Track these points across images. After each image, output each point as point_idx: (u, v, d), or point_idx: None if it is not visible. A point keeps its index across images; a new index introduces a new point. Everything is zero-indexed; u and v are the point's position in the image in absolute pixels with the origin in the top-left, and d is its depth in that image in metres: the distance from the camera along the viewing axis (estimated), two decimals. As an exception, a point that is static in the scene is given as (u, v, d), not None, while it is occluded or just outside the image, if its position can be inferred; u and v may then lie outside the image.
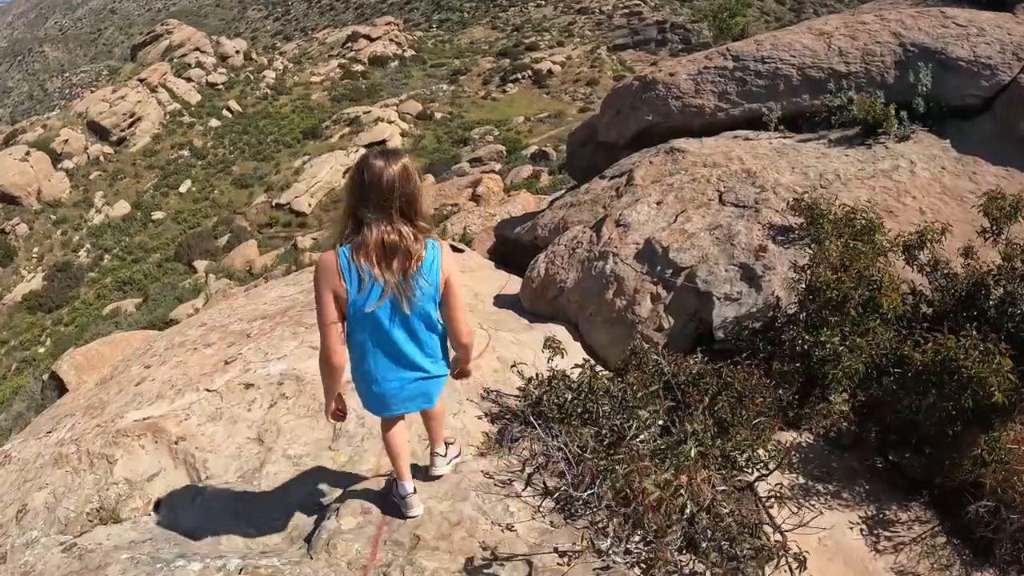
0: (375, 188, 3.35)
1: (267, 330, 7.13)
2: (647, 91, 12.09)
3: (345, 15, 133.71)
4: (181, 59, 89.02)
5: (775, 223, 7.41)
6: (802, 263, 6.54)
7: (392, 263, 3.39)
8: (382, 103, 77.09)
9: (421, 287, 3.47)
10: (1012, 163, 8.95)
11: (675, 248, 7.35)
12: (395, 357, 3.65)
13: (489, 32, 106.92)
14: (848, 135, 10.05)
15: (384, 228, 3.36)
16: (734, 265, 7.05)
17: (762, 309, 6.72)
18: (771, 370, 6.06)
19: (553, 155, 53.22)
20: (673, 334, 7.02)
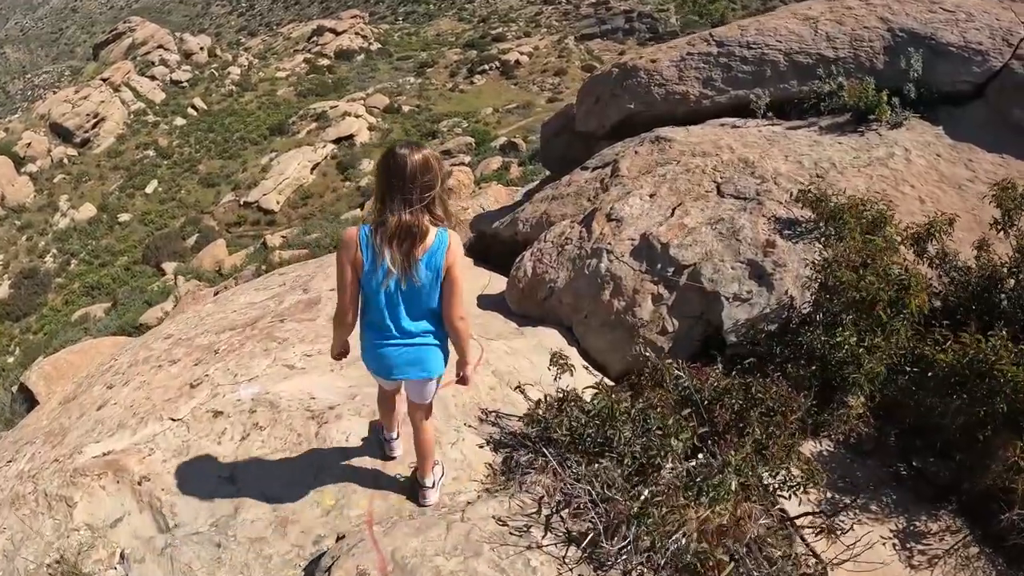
0: (397, 174, 3.64)
1: (236, 345, 6.55)
2: (628, 78, 11.63)
3: (310, 9, 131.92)
4: (144, 57, 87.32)
5: (780, 216, 6.93)
6: (816, 259, 6.11)
7: (402, 245, 3.67)
8: (349, 97, 76.01)
9: (424, 271, 3.74)
10: (1007, 150, 8.77)
11: (676, 244, 6.84)
12: (397, 327, 3.91)
13: (455, 24, 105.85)
14: (839, 122, 9.73)
15: (401, 213, 3.64)
16: (741, 262, 6.56)
17: (776, 310, 6.25)
18: (786, 374, 5.65)
19: (523, 146, 52.85)
20: (679, 337, 6.53)
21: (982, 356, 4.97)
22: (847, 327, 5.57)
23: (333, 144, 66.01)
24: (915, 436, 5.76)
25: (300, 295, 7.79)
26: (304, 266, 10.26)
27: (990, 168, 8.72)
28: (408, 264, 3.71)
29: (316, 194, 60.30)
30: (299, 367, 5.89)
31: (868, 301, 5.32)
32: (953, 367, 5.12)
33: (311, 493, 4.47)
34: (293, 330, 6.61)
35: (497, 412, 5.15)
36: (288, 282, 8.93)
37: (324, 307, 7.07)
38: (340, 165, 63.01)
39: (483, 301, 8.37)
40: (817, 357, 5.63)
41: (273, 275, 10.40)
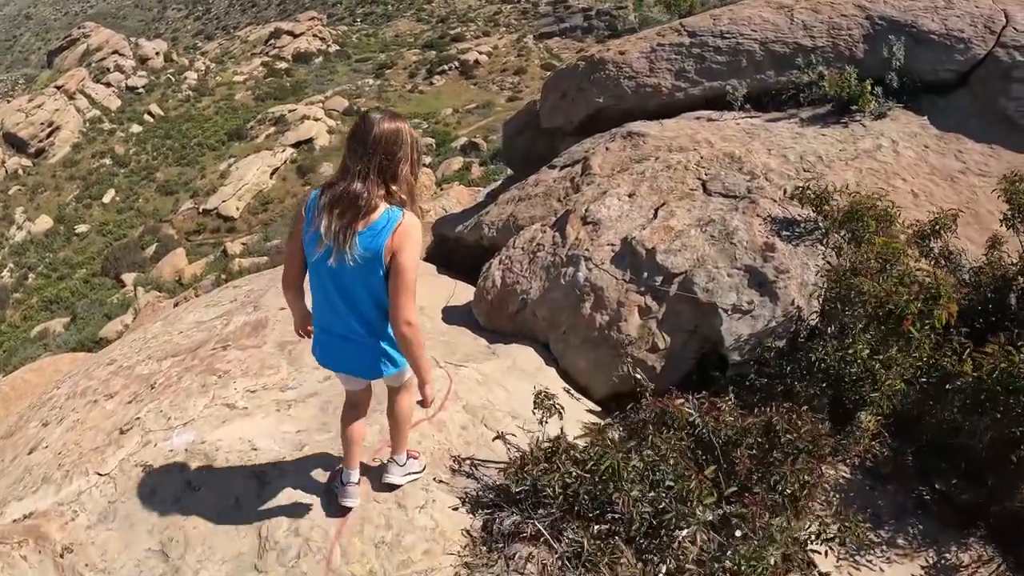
0: (360, 139, 3.29)
1: (174, 379, 5.74)
2: (596, 71, 10.99)
3: (267, 12, 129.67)
4: (100, 63, 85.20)
5: (776, 215, 6.24)
6: (821, 264, 5.46)
7: (343, 214, 3.26)
8: (307, 100, 74.76)
9: (360, 249, 3.27)
10: (995, 140, 8.44)
11: (663, 250, 6.10)
12: (332, 307, 3.50)
13: (414, 25, 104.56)
14: (820, 113, 9.24)
15: (354, 179, 3.27)
16: (738, 268, 5.85)
17: (783, 323, 5.56)
18: (794, 394, 5.07)
19: (483, 146, 52.28)
20: (671, 355, 5.80)
21: (1014, 370, 4.40)
22: (858, 339, 4.98)
23: (292, 148, 64.77)
24: (934, 455, 5.25)
25: (248, 314, 6.98)
26: (259, 278, 9.43)
27: (980, 159, 8.33)
28: (343, 236, 3.25)
29: (276, 199, 59.02)
30: (240, 407, 5.10)
31: (896, 315, 4.63)
32: (980, 381, 4.56)
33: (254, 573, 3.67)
34: (236, 360, 5.80)
35: (472, 460, 4.33)
36: (240, 297, 8.15)
37: (271, 331, 6.28)
38: (300, 169, 61.79)
39: (449, 314, 7.58)
40: (828, 374, 5.03)
41: (227, 288, 9.57)
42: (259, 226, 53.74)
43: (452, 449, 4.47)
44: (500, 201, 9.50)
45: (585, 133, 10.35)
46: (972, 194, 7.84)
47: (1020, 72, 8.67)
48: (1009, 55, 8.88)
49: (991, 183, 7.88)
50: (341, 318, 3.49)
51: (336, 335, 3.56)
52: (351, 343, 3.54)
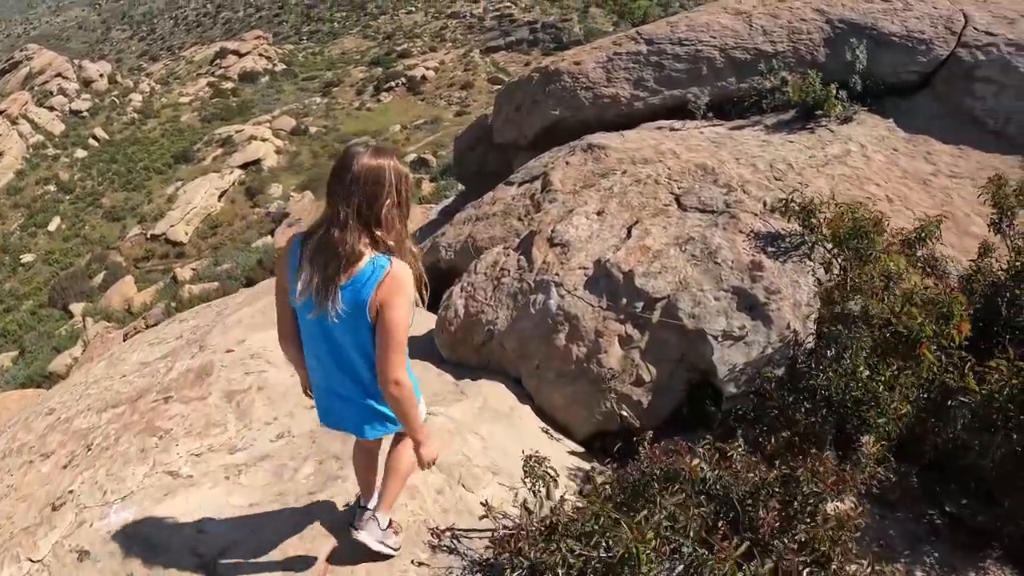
0: (340, 178, 2.91)
1: (112, 439, 5.10)
2: (550, 83, 10.56)
3: (213, 31, 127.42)
4: (43, 87, 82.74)
5: (759, 231, 5.77)
6: (814, 282, 4.98)
7: (324, 264, 2.91)
8: (254, 120, 73.48)
9: (342, 304, 2.91)
10: (963, 140, 8.28)
11: (641, 272, 5.58)
12: (321, 363, 3.19)
13: (360, 41, 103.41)
14: (785, 119, 8.93)
15: (333, 226, 2.91)
16: (725, 291, 5.36)
17: (780, 349, 5.08)
18: (793, 423, 4.65)
19: (433, 161, 51.77)
20: (658, 388, 5.27)
21: None
22: (856, 359, 4.58)
23: (240, 169, 63.46)
24: (940, 476, 4.93)
25: (193, 357, 6.34)
26: (206, 310, 8.79)
27: (950, 160, 8.11)
28: (325, 291, 2.90)
29: (225, 222, 57.69)
30: (185, 474, 4.48)
31: (912, 339, 4.17)
32: (990, 398, 4.26)
33: None
34: (179, 416, 5.16)
35: (453, 530, 3.74)
36: (186, 333, 7.53)
37: (216, 379, 5.63)
38: (248, 191, 60.57)
39: (410, 346, 6.97)
40: (831, 401, 4.62)
41: (173, 323, 8.93)
42: (209, 250, 52.37)
43: (429, 519, 3.89)
44: (456, 221, 8.95)
45: (541, 147, 9.89)
46: (946, 196, 7.59)
47: (983, 72, 8.54)
48: (972, 55, 8.73)
49: (964, 184, 7.75)
50: (332, 374, 3.19)
51: (331, 392, 3.26)
52: (345, 400, 3.24)
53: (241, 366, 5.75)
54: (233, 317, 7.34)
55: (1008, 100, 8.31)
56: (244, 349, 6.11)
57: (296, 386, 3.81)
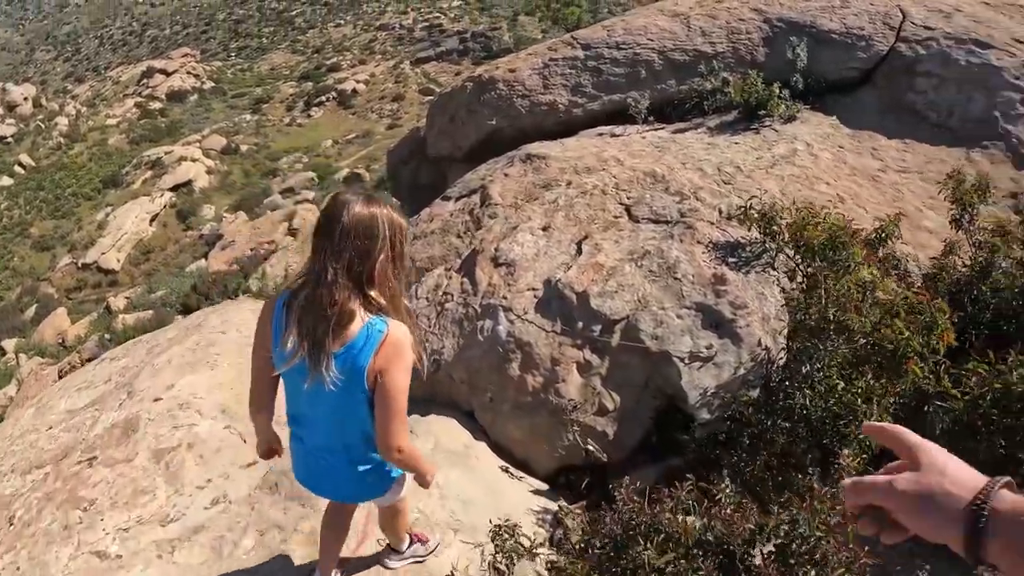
0: (327, 231, 2.55)
1: (34, 511, 4.47)
2: (485, 92, 10.17)
3: (139, 50, 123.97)
4: (-37, 113, 79.68)
5: (718, 240, 5.40)
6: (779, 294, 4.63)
7: (313, 327, 2.54)
8: (184, 141, 71.49)
9: (336, 372, 2.55)
10: (907, 134, 8.20)
11: (596, 292, 5.15)
12: (310, 426, 2.86)
13: (289, 56, 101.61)
14: (728, 120, 8.76)
15: (320, 283, 2.54)
16: (688, 308, 4.95)
17: (753, 369, 4.69)
18: (770, 444, 4.34)
19: (366, 176, 50.90)
20: (624, 416, 4.84)
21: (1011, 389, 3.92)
22: (830, 372, 4.30)
23: (171, 192, 61.60)
24: None
25: (120, 405, 5.76)
26: (136, 348, 8.12)
27: (897, 155, 8.00)
28: (317, 358, 2.55)
29: (158, 247, 55.89)
30: (113, 554, 3.91)
31: (898, 355, 3.83)
32: (974, 404, 4.06)
33: None
34: (104, 483, 4.56)
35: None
36: (115, 376, 6.87)
37: (143, 435, 5.03)
38: (180, 214, 58.76)
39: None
40: (809, 419, 4.31)
41: (103, 362, 8.25)
42: (142, 277, 50.55)
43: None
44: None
45: (477, 159, 9.51)
46: (897, 192, 7.45)
47: (924, 66, 8.49)
48: (912, 49, 8.69)
49: (912, 179, 7.68)
50: (321, 438, 2.87)
51: (318, 455, 2.92)
52: (331, 465, 2.92)
53: (169, 419, 5.17)
54: (163, 357, 6.73)
55: (949, 93, 8.26)
56: (172, 397, 5.54)
57: (230, 443, 3.30)
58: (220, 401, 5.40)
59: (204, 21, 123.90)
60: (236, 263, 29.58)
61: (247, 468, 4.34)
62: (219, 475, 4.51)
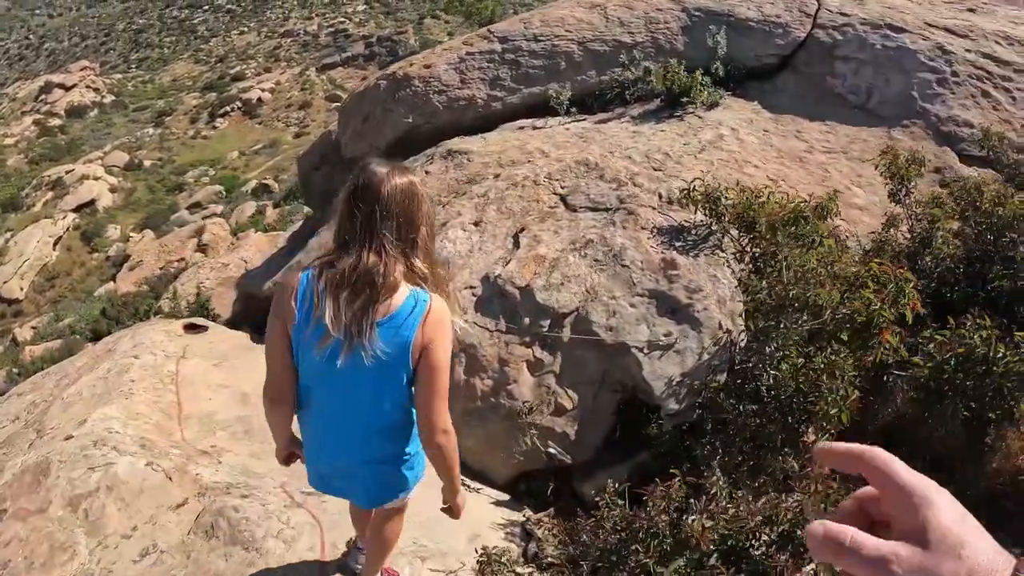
0: (368, 198, 2.36)
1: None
2: (401, 89, 9.81)
3: (36, 64, 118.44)
4: None
5: (661, 225, 5.16)
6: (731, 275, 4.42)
7: (355, 299, 2.33)
8: (85, 159, 68.84)
9: (380, 343, 2.34)
10: (828, 116, 8.31)
11: (541, 286, 4.84)
12: (339, 421, 2.54)
13: (192, 67, 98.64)
14: (650, 109, 8.64)
15: (365, 251, 2.35)
16: (641, 295, 4.70)
17: (717, 353, 4.46)
18: (743, 428, 4.21)
19: (275, 186, 49.94)
20: (584, 416, 4.55)
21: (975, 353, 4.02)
22: (789, 350, 4.20)
23: (74, 213, 59.10)
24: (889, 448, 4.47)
25: (30, 446, 5.21)
26: (45, 380, 7.47)
27: (820, 137, 8.09)
28: (358, 327, 2.35)
29: (63, 272, 53.45)
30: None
31: (872, 326, 3.70)
32: (939, 370, 4.14)
33: None
34: (17, 540, 3.97)
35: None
36: (23, 413, 6.24)
37: (56, 480, 4.46)
38: (85, 235, 56.34)
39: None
40: (776, 397, 4.19)
41: (11, 398, 7.52)
42: (48, 305, 48.17)
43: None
44: (310, 248, 8.04)
45: (395, 159, 9.06)
46: (824, 172, 7.49)
47: (842, 51, 8.67)
48: (829, 35, 8.86)
49: (838, 159, 7.69)
50: (353, 433, 2.58)
51: (347, 455, 2.64)
52: (361, 468, 2.67)
53: (84, 460, 4.62)
54: (73, 388, 6.17)
55: (867, 76, 8.43)
56: (86, 434, 4.99)
57: (154, 481, 2.86)
58: (139, 434, 4.93)
59: (103, 32, 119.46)
60: (146, 283, 28.38)
61: (176, 510, 3.88)
62: (146, 520, 4.00)
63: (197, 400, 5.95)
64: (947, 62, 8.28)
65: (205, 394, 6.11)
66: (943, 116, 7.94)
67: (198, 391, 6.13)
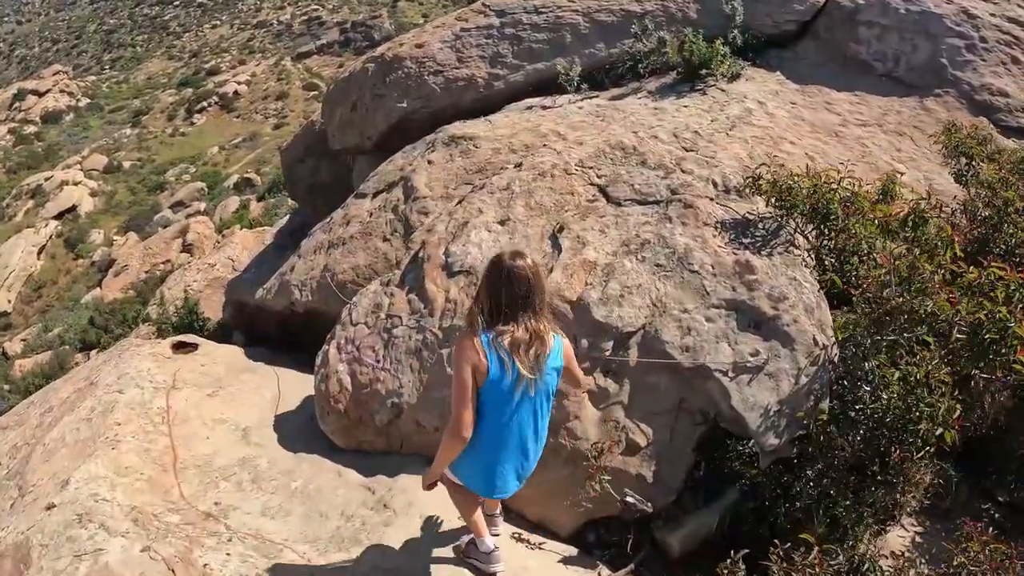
0: (518, 284, 3.21)
1: None
2: (392, 72, 9.04)
3: (8, 72, 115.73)
4: None
5: (724, 219, 4.35)
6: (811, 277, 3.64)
7: (530, 350, 3.20)
8: (64, 164, 67.32)
9: (549, 372, 3.29)
10: (856, 86, 7.72)
11: (597, 299, 4.02)
12: (520, 439, 3.35)
13: (166, 63, 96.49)
14: (667, 83, 7.91)
15: (529, 319, 3.20)
16: (717, 307, 3.91)
17: (816, 374, 3.63)
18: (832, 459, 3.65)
19: (257, 180, 48.80)
20: (660, 453, 3.78)
21: None
22: (880, 360, 3.59)
23: (56, 220, 57.57)
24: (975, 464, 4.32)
25: (11, 509, 4.47)
26: (28, 412, 6.63)
27: (852, 108, 7.45)
28: (538, 368, 3.21)
29: (49, 281, 51.99)
30: None
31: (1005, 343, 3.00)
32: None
33: None
34: None
35: None
36: (5, 457, 5.58)
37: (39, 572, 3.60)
38: (68, 242, 54.88)
39: (287, 431, 5.16)
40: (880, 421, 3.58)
41: None
42: (36, 316, 46.81)
43: None
44: (304, 251, 7.18)
45: (390, 148, 8.34)
46: (863, 147, 6.85)
47: (864, 16, 8.10)
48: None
49: (875, 133, 7.11)
50: (528, 442, 3.37)
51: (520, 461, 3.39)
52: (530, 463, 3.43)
53: (68, 543, 3.79)
54: (55, 432, 5.37)
55: (893, 42, 7.90)
56: (70, 502, 4.20)
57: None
58: (130, 500, 4.20)
59: (74, 35, 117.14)
60: (132, 289, 27.37)
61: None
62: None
63: (193, 441, 5.19)
64: (974, 27, 7.78)
65: (201, 432, 5.33)
66: (976, 84, 7.43)
67: (193, 429, 5.36)
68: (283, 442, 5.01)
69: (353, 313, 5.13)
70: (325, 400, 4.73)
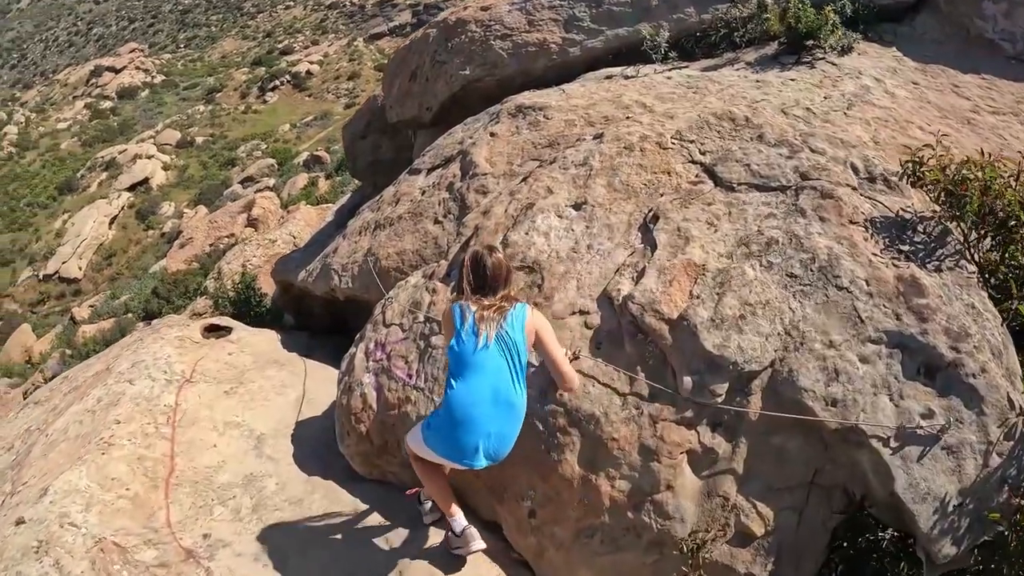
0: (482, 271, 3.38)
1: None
2: (454, 36, 8.08)
3: (86, 50, 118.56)
4: (-87, 127, 75.20)
5: (874, 216, 3.17)
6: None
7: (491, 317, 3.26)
8: (138, 138, 68.63)
9: (508, 337, 3.18)
10: (982, 68, 6.84)
11: (707, 319, 2.92)
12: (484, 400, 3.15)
13: (240, 43, 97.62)
14: (768, 54, 6.97)
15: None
16: (877, 343, 2.77)
17: (1014, 453, 2.49)
18: None
19: (327, 158, 48.88)
20: (782, 545, 2.68)
21: None
22: None
23: (128, 192, 58.70)
24: None
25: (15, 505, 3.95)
26: (60, 386, 6.15)
27: (981, 93, 6.54)
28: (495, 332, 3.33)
29: (120, 250, 52.99)
30: None
31: None
32: None
33: None
34: None
35: None
36: (18, 441, 5.16)
37: None
38: (139, 214, 55.93)
39: (303, 447, 4.26)
40: None
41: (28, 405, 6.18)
42: (105, 283, 47.63)
43: None
44: (350, 232, 6.27)
45: (450, 121, 7.48)
46: (1000, 138, 5.94)
47: None
48: None
49: (1010, 122, 6.28)
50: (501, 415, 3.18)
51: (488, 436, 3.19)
52: None
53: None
54: (60, 422, 4.83)
55: (1021, 19, 7.04)
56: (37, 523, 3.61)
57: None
58: (100, 531, 3.59)
59: (150, 14, 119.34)
60: (195, 261, 27.21)
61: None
62: None
63: (197, 449, 4.50)
64: (1113, 5, 6.82)
65: (209, 438, 4.58)
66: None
67: (200, 434, 4.62)
68: (299, 457, 4.20)
69: (387, 311, 4.17)
70: (346, 417, 3.80)
